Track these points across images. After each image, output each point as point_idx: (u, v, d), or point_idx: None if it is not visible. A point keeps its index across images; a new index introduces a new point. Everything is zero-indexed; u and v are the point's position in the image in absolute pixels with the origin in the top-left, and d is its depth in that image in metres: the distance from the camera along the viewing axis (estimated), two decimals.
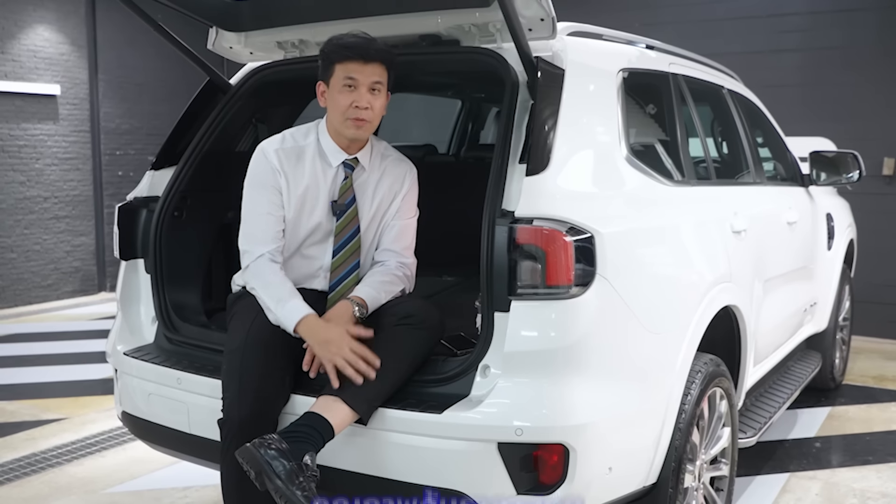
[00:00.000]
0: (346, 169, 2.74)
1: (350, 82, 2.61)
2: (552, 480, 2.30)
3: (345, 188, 2.73)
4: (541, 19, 2.54)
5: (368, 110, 2.63)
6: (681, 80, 3.42)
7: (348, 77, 2.61)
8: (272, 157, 2.71)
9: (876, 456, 4.34)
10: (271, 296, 2.59)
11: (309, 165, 2.73)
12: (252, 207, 2.72)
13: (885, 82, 6.99)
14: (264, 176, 2.71)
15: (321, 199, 2.73)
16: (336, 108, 2.66)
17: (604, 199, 2.57)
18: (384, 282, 2.72)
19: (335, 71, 2.63)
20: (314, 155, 2.74)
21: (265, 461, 2.19)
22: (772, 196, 4.18)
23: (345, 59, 2.61)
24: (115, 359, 3.06)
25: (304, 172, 2.72)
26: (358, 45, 2.60)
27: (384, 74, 2.65)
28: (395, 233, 2.82)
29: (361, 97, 2.61)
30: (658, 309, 2.64)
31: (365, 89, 2.62)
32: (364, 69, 2.61)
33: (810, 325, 4.79)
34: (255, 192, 2.72)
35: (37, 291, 8.57)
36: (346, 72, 2.61)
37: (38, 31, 8.44)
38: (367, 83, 2.62)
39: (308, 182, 2.72)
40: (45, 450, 4.34)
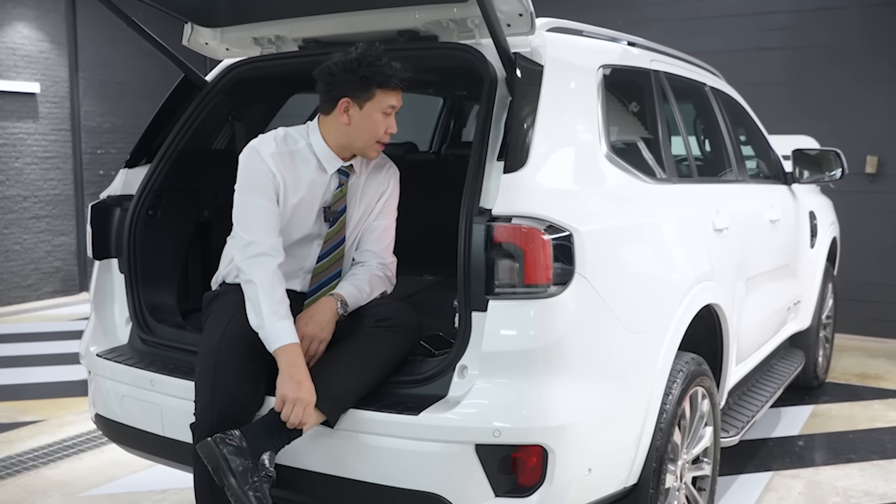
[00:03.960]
0: (342, 176, 2.70)
1: (392, 110, 2.63)
2: (531, 482, 2.27)
3: (339, 196, 2.70)
4: (519, 14, 2.50)
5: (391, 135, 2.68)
6: (662, 77, 3.39)
7: (391, 106, 2.61)
8: (269, 162, 2.60)
9: (859, 454, 4.33)
10: (268, 303, 2.46)
11: (305, 171, 2.66)
12: (253, 207, 2.58)
13: (868, 80, 7.01)
14: (264, 180, 2.58)
15: (315, 205, 2.70)
16: (368, 130, 2.61)
17: (583, 197, 2.55)
18: (366, 282, 2.69)
19: (376, 95, 2.57)
20: (308, 160, 2.67)
21: (222, 457, 2.21)
22: (754, 194, 4.17)
23: (394, 88, 2.59)
24: (88, 360, 3.01)
25: (301, 178, 2.65)
26: (407, 77, 2.60)
27: None
28: (376, 234, 2.80)
29: (394, 124, 2.64)
30: (638, 308, 2.61)
31: (393, 116, 2.65)
32: (400, 98, 2.64)
33: (793, 324, 4.79)
34: (255, 195, 2.59)
35: (16, 292, 8.49)
36: (390, 100, 2.60)
37: (18, 29, 8.35)
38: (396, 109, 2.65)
39: (305, 188, 2.66)
40: (21, 452, 4.29)
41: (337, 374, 2.41)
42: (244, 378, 2.46)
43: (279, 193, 2.61)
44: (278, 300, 2.47)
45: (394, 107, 2.62)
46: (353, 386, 2.40)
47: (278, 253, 2.55)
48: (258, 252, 2.51)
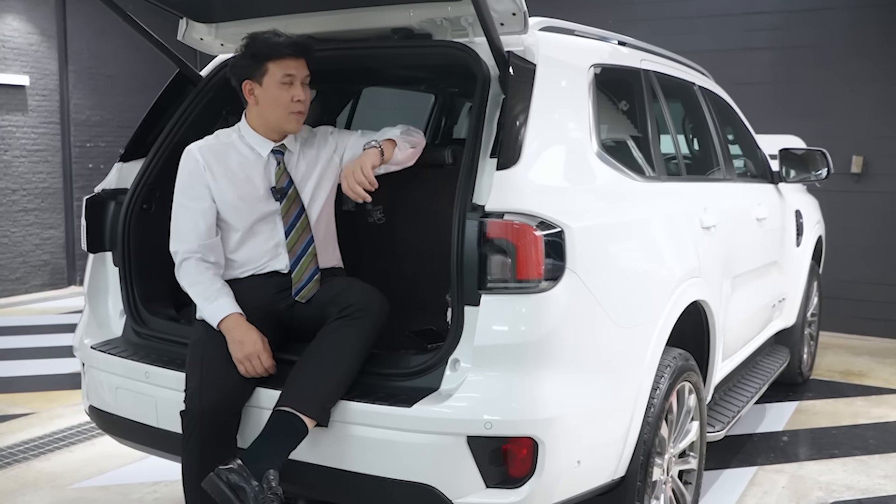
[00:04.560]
0: (277, 155, 2.82)
1: (289, 79, 2.72)
2: (521, 473, 2.31)
3: (279, 173, 2.81)
4: (512, 14, 2.53)
5: (303, 103, 2.76)
6: (652, 76, 3.43)
7: (287, 74, 2.72)
8: (197, 154, 2.80)
9: (842, 449, 4.40)
10: (199, 294, 2.70)
11: (237, 159, 2.81)
12: (178, 208, 2.81)
13: (855, 81, 7.08)
14: (191, 176, 2.79)
15: (260, 189, 2.79)
16: (277, 105, 2.74)
17: (574, 194, 2.58)
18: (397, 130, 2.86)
19: (269, 69, 2.71)
20: (240, 149, 2.82)
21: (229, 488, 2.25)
22: (741, 192, 4.21)
23: (282, 56, 2.70)
24: (82, 352, 3.03)
25: (233, 167, 2.80)
26: (292, 43, 2.72)
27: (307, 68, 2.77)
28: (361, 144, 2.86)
29: (299, 91, 2.74)
30: (627, 303, 2.65)
31: (300, 83, 2.75)
32: (298, 64, 2.74)
33: (779, 321, 4.85)
34: (182, 192, 2.80)
35: (4, 285, 8.46)
36: (284, 69, 2.71)
37: (7, 21, 8.31)
38: (301, 77, 2.75)
39: (239, 174, 2.79)
40: (11, 445, 4.29)
41: (314, 377, 2.44)
42: (232, 366, 2.54)
43: (210, 187, 2.77)
44: (207, 287, 2.69)
45: (291, 75, 2.72)
46: (332, 385, 2.43)
47: (201, 250, 2.74)
48: (181, 259, 2.75)
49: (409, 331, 2.91)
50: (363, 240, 3.40)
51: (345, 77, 3.82)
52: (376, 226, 3.39)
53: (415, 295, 3.22)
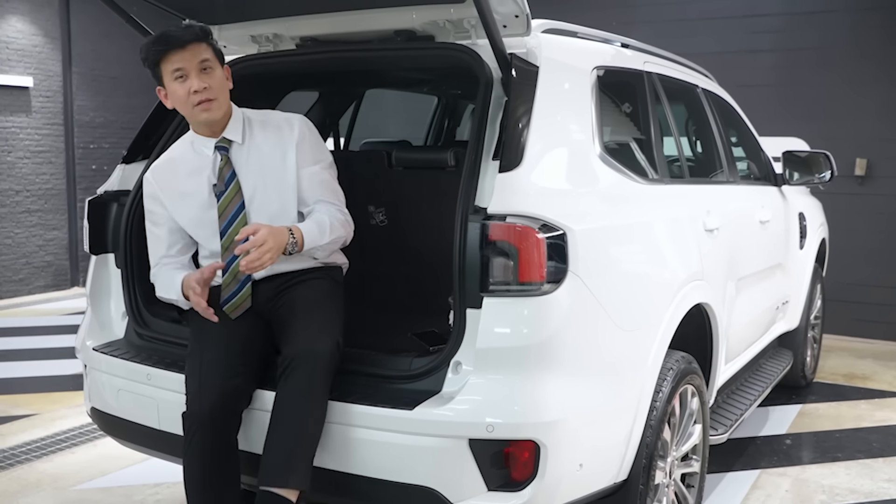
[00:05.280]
0: (221, 151, 2.74)
1: (180, 73, 2.64)
2: (523, 477, 2.31)
3: (220, 168, 2.73)
4: (515, 16, 2.53)
5: (209, 90, 2.64)
6: (655, 78, 3.43)
7: (176, 69, 2.64)
8: (149, 178, 2.85)
9: (845, 453, 4.39)
10: (165, 290, 2.77)
11: (185, 167, 2.78)
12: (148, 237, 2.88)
13: (858, 83, 7.07)
14: (148, 201, 2.84)
15: (206, 190, 2.75)
16: (180, 103, 2.69)
17: (577, 197, 2.58)
18: (324, 216, 2.70)
19: (161, 71, 2.66)
20: (191, 155, 2.78)
21: None
22: (745, 195, 4.21)
23: (164, 53, 2.63)
24: (84, 354, 3.03)
25: (182, 179, 2.78)
26: (169, 35, 2.62)
27: (207, 51, 2.66)
28: (314, 184, 2.77)
29: (196, 81, 2.62)
30: (630, 306, 2.65)
31: (196, 72, 2.63)
32: (185, 55, 2.62)
33: (782, 323, 4.84)
34: (147, 216, 2.87)
35: (8, 286, 8.47)
36: (170, 66, 2.64)
37: (11, 22, 8.33)
38: (195, 66, 2.63)
39: (189, 185, 2.76)
40: (14, 446, 4.29)
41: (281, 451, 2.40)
42: (229, 372, 2.52)
43: (165, 205, 2.79)
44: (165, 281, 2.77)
45: (179, 69, 2.62)
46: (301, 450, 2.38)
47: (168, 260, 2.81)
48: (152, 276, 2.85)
49: (412, 333, 2.90)
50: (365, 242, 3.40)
51: (347, 79, 3.82)
52: (378, 228, 3.39)
53: (417, 297, 3.22)
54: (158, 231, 2.83)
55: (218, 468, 2.51)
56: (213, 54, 2.68)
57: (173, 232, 2.82)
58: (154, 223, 2.85)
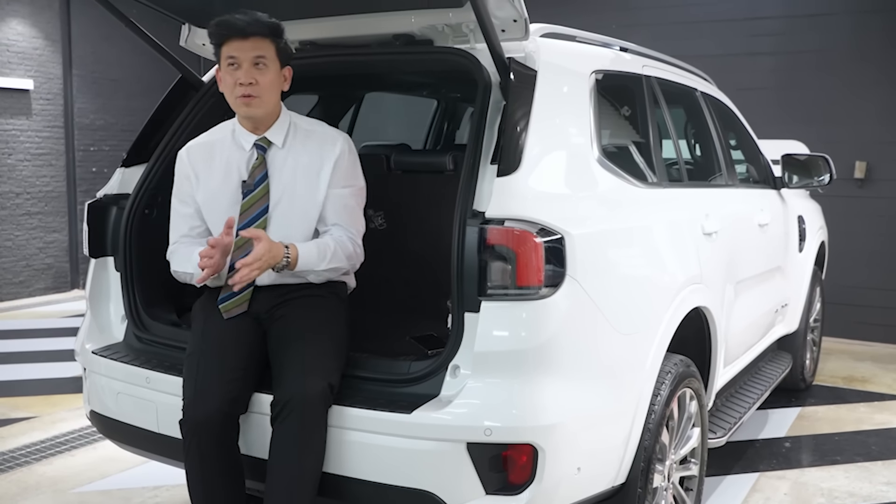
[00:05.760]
0: (259, 150, 2.72)
1: (232, 61, 2.62)
2: (521, 480, 2.31)
3: (254, 167, 2.71)
4: (514, 20, 2.54)
5: (254, 86, 2.61)
6: (654, 82, 3.44)
7: (230, 56, 2.62)
8: (183, 156, 2.81)
9: (844, 456, 4.39)
10: (181, 263, 2.75)
11: (221, 155, 2.75)
12: (172, 208, 2.85)
13: (858, 86, 7.08)
14: (179, 179, 2.83)
15: (235, 183, 2.73)
16: (226, 91, 2.67)
17: (575, 201, 2.58)
18: (327, 246, 2.67)
19: (221, 53, 2.64)
20: (229, 144, 2.76)
21: None
22: (744, 198, 4.21)
23: (224, 39, 2.62)
24: (83, 357, 3.03)
25: (216, 165, 2.76)
26: (233, 22, 2.59)
27: (268, 48, 2.62)
28: (338, 207, 2.74)
29: (244, 74, 2.60)
30: (628, 310, 2.65)
31: (248, 65, 2.60)
32: (244, 45, 2.59)
33: (781, 326, 4.84)
34: (175, 193, 2.84)
35: (8, 288, 8.47)
36: (227, 52, 2.62)
37: (12, 25, 8.34)
38: (249, 59, 2.60)
39: (220, 173, 2.74)
40: (13, 448, 4.30)
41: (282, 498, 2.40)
42: (225, 377, 2.51)
43: (192, 182, 2.77)
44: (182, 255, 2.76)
45: (233, 57, 2.60)
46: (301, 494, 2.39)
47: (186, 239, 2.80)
48: (169, 252, 2.83)
49: (410, 336, 2.90)
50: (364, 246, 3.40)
51: (346, 82, 3.83)
52: (377, 231, 3.39)
53: (416, 300, 3.23)
54: (184, 210, 2.80)
55: (219, 474, 2.50)
56: (275, 53, 2.63)
57: (199, 213, 2.79)
58: (181, 201, 2.82)
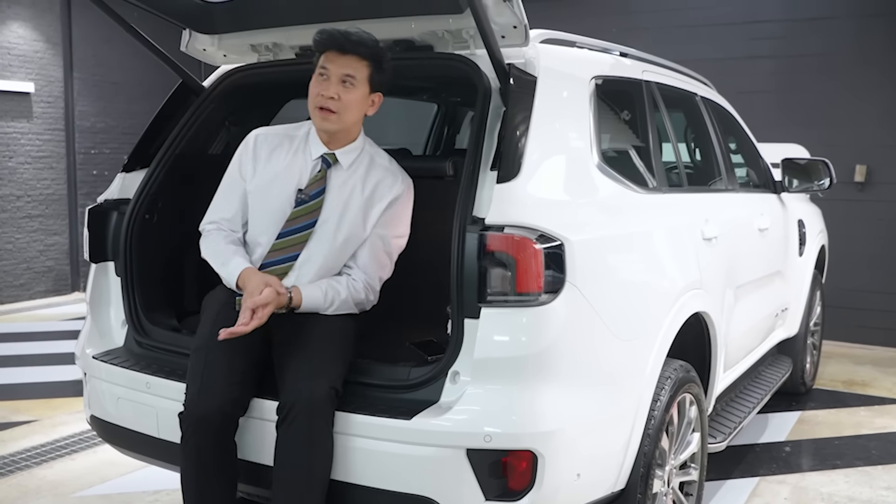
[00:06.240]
0: (323, 163, 2.72)
1: (323, 72, 2.63)
2: (521, 486, 2.31)
3: (314, 179, 2.71)
4: (514, 27, 2.54)
5: (335, 101, 2.61)
6: (654, 87, 3.44)
7: (322, 66, 2.64)
8: (251, 140, 2.81)
9: (844, 460, 4.39)
10: (216, 261, 2.72)
11: (288, 153, 2.75)
12: (221, 184, 2.84)
13: (858, 90, 7.08)
14: (238, 157, 2.82)
15: (291, 184, 2.72)
16: (310, 98, 2.68)
17: (575, 207, 2.59)
18: (336, 292, 2.66)
19: (317, 60, 2.65)
20: (299, 145, 2.76)
21: None
22: (744, 203, 4.21)
23: (324, 48, 2.63)
24: (83, 362, 3.04)
25: (279, 158, 2.75)
26: (335, 35, 2.60)
27: (362, 69, 2.62)
28: (375, 253, 2.74)
29: (329, 87, 2.61)
30: (628, 316, 2.66)
31: (336, 80, 2.61)
32: (338, 60, 2.61)
33: (781, 331, 4.85)
34: (228, 169, 2.84)
35: (8, 291, 8.48)
36: (322, 62, 2.64)
37: (13, 28, 8.35)
38: (339, 74, 2.61)
39: (280, 168, 2.74)
40: (14, 452, 4.30)
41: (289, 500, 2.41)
42: (229, 376, 2.52)
43: (251, 164, 2.77)
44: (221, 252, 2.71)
45: (325, 69, 2.62)
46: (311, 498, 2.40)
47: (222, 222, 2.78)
48: (206, 231, 2.80)
49: (410, 342, 2.91)
50: None
51: None
52: None
53: (416, 306, 3.22)
54: (233, 185, 2.80)
55: (213, 473, 2.52)
56: (367, 76, 2.63)
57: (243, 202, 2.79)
58: (232, 176, 2.81)
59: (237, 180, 2.80)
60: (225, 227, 2.79)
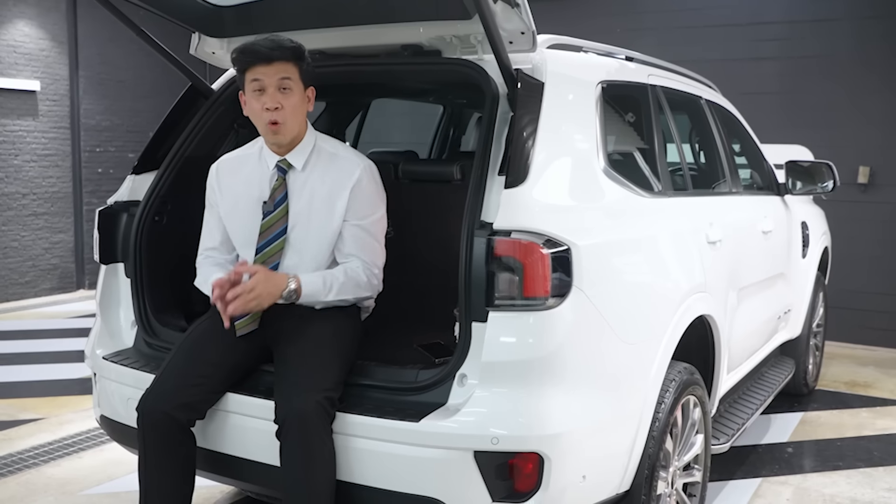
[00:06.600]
0: (279, 171, 2.76)
1: (258, 85, 2.65)
2: (527, 488, 2.34)
3: (275, 188, 2.75)
4: (521, 32, 2.56)
5: (280, 110, 2.64)
6: (659, 91, 3.46)
7: (254, 80, 2.65)
8: (212, 171, 2.90)
9: (846, 461, 4.41)
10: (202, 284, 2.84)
11: (246, 172, 2.81)
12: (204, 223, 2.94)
13: (861, 91, 7.09)
14: (208, 189, 2.91)
15: (255, 201, 2.77)
16: (254, 116, 2.71)
17: (581, 212, 2.61)
18: (335, 278, 2.69)
19: (245, 78, 2.68)
20: (255, 162, 2.81)
21: None
22: (747, 205, 4.24)
23: (249, 64, 2.65)
24: (93, 362, 3.07)
25: (240, 180, 2.82)
26: (257, 49, 2.63)
27: (292, 71, 2.65)
28: (354, 240, 2.76)
29: (270, 99, 2.63)
30: (633, 319, 2.68)
31: (273, 90, 2.63)
32: (268, 70, 2.63)
33: (784, 332, 4.86)
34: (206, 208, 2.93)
35: (14, 289, 8.51)
36: (251, 76, 2.66)
37: (18, 27, 8.38)
38: (274, 83, 2.63)
39: (242, 188, 2.80)
40: (21, 450, 4.33)
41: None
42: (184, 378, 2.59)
43: (217, 192, 2.85)
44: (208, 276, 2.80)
45: (257, 81, 2.63)
46: None
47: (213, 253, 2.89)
48: (199, 263, 2.91)
49: (417, 345, 2.93)
50: None
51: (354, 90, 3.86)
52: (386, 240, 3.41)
53: (423, 309, 3.25)
54: (212, 222, 2.90)
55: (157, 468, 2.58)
56: (298, 75, 2.66)
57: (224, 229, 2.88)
58: (209, 213, 2.92)
59: (212, 210, 2.90)
60: (214, 255, 2.89)
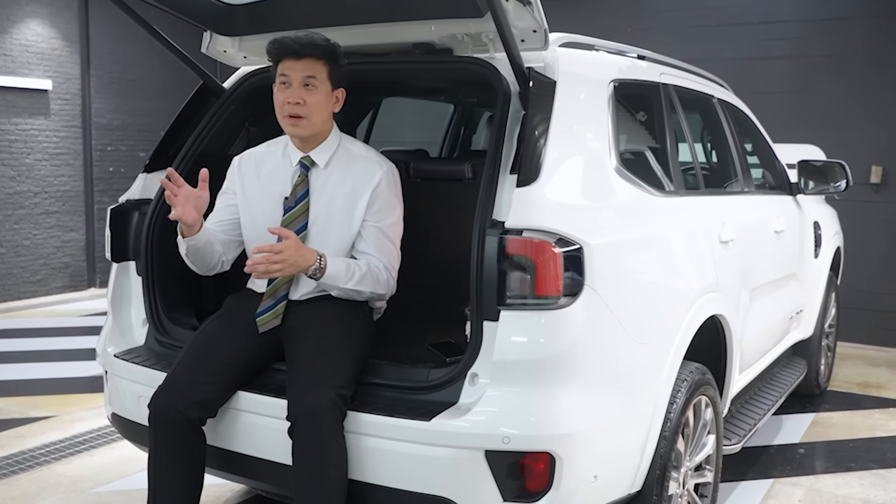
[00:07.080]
0: (302, 168, 2.78)
1: (284, 79, 2.69)
2: (538, 488, 2.33)
3: (296, 184, 2.77)
4: (533, 31, 2.55)
5: (301, 105, 2.67)
6: (671, 90, 3.45)
7: (282, 74, 2.69)
8: (235, 162, 2.90)
9: (858, 462, 4.39)
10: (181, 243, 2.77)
11: (270, 168, 2.83)
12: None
13: (874, 90, 7.05)
14: (227, 178, 2.92)
15: (277, 197, 2.79)
16: (277, 108, 2.74)
17: (593, 211, 2.60)
18: (358, 267, 2.70)
19: (276, 71, 2.72)
20: (280, 157, 2.84)
21: None
22: (760, 205, 4.22)
23: (279, 57, 2.69)
24: (105, 360, 3.07)
25: (263, 175, 2.83)
26: (288, 43, 2.66)
27: (320, 69, 2.69)
28: (376, 241, 2.78)
29: (292, 94, 2.67)
30: (645, 319, 2.67)
31: (297, 85, 2.67)
32: (296, 65, 2.67)
33: (796, 332, 4.84)
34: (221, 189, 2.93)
35: (26, 287, 8.55)
36: (281, 70, 2.69)
37: (31, 26, 8.41)
38: (299, 79, 2.67)
39: (266, 183, 2.82)
40: (32, 448, 4.34)
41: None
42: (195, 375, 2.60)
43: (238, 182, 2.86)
44: None
45: (284, 76, 2.67)
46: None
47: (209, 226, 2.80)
48: None
49: (428, 343, 2.93)
50: None
51: (366, 89, 3.85)
52: None
53: (435, 307, 3.25)
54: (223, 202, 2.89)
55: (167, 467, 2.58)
56: (327, 75, 2.69)
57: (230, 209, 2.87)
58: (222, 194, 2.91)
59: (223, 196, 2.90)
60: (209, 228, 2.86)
